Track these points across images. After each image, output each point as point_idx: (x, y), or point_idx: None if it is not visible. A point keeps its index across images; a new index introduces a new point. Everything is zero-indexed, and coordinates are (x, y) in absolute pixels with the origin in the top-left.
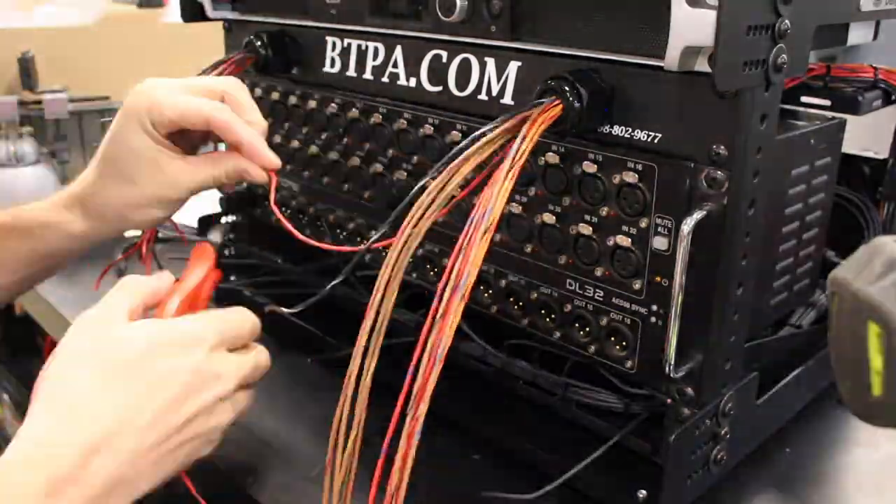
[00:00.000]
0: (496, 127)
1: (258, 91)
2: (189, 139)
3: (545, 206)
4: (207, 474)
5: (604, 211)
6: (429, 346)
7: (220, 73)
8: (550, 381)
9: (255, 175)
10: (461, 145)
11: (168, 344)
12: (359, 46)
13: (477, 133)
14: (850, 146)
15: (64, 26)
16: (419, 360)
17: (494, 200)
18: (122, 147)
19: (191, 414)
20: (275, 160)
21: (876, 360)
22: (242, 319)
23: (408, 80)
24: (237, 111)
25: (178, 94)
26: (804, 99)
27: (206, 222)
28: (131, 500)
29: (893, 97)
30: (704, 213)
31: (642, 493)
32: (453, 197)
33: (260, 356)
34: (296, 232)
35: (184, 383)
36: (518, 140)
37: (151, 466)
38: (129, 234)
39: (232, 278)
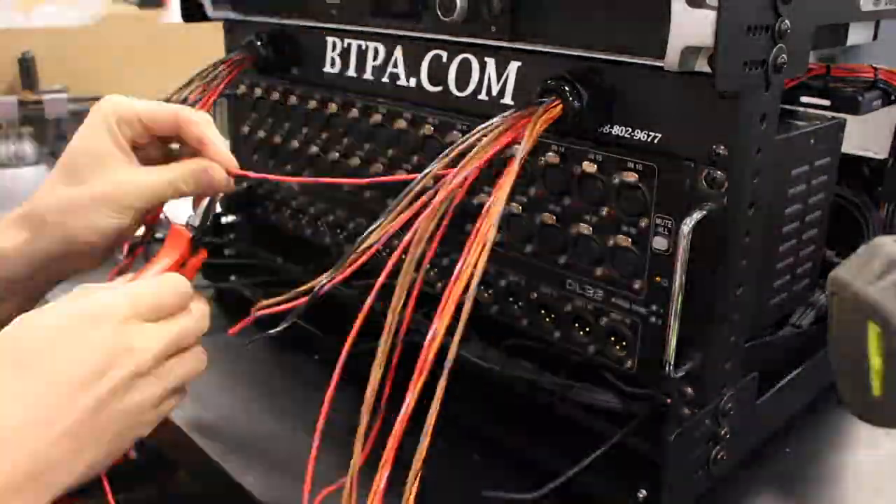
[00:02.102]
0: (495, 125)
1: (258, 91)
2: (149, 154)
3: (545, 206)
4: (208, 474)
5: (604, 211)
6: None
7: (220, 73)
8: (550, 381)
9: (217, 178)
10: (458, 142)
11: (74, 326)
12: (359, 46)
13: (476, 130)
14: (849, 146)
15: (64, 26)
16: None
17: (497, 201)
18: (80, 147)
19: (103, 394)
20: (236, 164)
21: (876, 360)
22: (161, 286)
23: (408, 80)
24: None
25: (149, 101)
26: (804, 99)
27: None
28: (53, 493)
29: (893, 97)
30: (704, 213)
31: (642, 493)
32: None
33: (186, 321)
34: None
35: (89, 364)
36: (523, 141)
37: (69, 455)
38: None
39: (232, 278)
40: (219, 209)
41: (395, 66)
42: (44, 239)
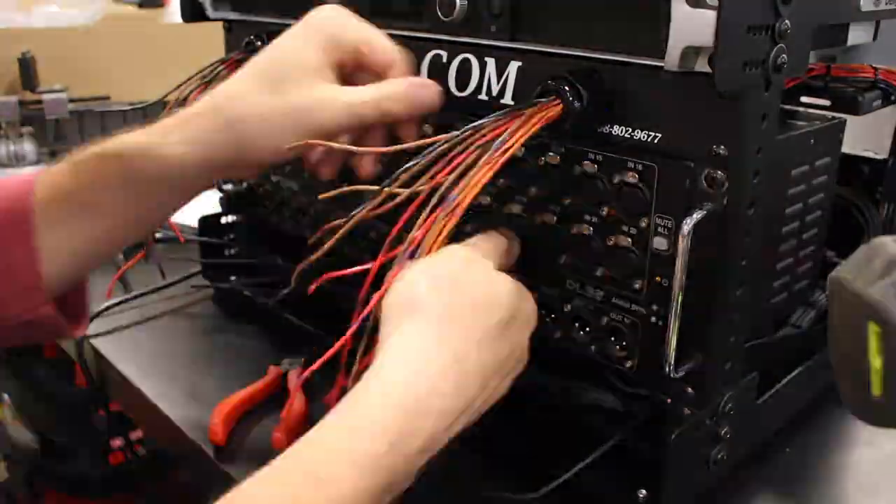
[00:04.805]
0: (492, 121)
1: None
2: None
3: (545, 206)
4: (209, 475)
5: (604, 211)
6: None
7: (220, 73)
8: (550, 381)
9: (430, 95)
10: (453, 134)
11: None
12: None
13: (470, 126)
14: (849, 146)
15: (64, 26)
16: None
17: (467, 186)
18: (282, 55)
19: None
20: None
21: (876, 360)
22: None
23: None
24: None
25: (368, 25)
26: (804, 99)
27: (207, 222)
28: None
29: (893, 97)
30: (704, 213)
31: (642, 493)
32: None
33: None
34: None
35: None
36: (505, 134)
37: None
38: None
39: (232, 278)
40: (219, 209)
41: None
42: (222, 147)
